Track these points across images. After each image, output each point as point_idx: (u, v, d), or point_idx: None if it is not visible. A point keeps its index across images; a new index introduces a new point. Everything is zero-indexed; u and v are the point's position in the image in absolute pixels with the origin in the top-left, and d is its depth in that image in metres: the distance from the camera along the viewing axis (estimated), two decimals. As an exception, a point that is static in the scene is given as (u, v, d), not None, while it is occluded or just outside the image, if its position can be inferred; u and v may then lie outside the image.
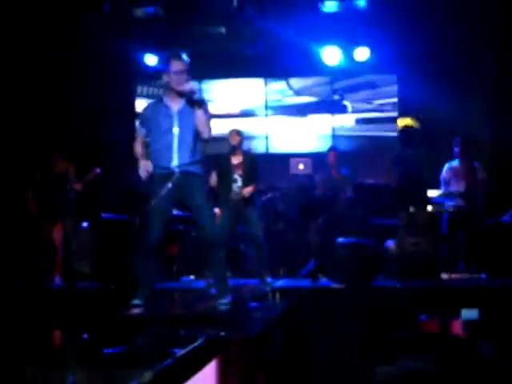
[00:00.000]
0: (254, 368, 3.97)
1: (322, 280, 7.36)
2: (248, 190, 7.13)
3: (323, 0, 9.34)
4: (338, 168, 8.55)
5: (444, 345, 4.84)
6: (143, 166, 5.03)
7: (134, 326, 4.59)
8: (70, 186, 7.97)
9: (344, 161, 8.68)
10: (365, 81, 10.75)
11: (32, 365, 3.10)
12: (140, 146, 5.17)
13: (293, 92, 10.97)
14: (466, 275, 7.32)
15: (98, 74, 9.81)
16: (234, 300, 5.19)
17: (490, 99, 9.84)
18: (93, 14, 9.01)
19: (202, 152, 5.18)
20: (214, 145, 7.93)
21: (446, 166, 8.04)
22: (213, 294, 5.44)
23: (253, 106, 10.91)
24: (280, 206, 9.08)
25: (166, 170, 5.00)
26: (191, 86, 5.00)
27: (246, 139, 8.12)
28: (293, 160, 9.65)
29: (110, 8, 9.03)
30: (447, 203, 7.89)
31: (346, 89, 10.89)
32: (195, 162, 5.06)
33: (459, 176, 7.95)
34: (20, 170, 8.27)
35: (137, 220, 8.27)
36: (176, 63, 5.02)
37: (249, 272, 8.09)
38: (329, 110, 10.90)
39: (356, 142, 10.71)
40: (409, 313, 5.80)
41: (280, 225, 8.95)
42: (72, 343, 3.99)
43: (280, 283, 7.26)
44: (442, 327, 5.45)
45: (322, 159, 8.93)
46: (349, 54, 10.06)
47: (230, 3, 9.12)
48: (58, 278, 7.74)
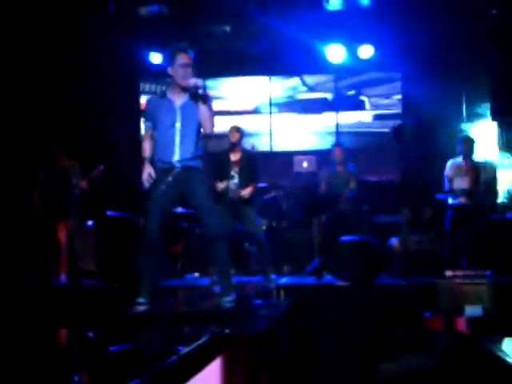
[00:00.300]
0: (259, 365, 3.98)
1: (326, 277, 7.37)
2: (247, 192, 7.13)
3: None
4: (344, 164, 8.51)
5: (447, 342, 4.85)
6: (147, 172, 5.02)
7: (139, 323, 4.62)
8: (74, 184, 7.99)
9: (349, 157, 8.66)
10: (370, 78, 10.70)
11: (38, 363, 3.13)
12: (148, 144, 5.16)
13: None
14: (469, 272, 7.32)
15: (103, 72, 9.82)
16: (238, 297, 5.21)
17: (494, 96, 9.83)
18: (97, 12, 9.03)
19: (203, 148, 5.19)
20: (215, 142, 8.00)
21: (450, 163, 8.05)
22: (217, 291, 5.45)
23: (257, 104, 10.88)
24: (284, 204, 9.08)
25: (168, 164, 4.99)
26: (196, 81, 4.98)
27: (250, 136, 8.10)
28: (296, 158, 9.66)
29: (115, 7, 9.06)
30: (451, 200, 7.90)
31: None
32: (197, 157, 5.07)
33: (462, 173, 7.95)
34: (25, 168, 8.29)
35: (141, 218, 8.29)
36: (181, 56, 5.01)
37: (253, 269, 8.11)
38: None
39: (360, 139, 10.62)
40: (412, 310, 5.81)
41: (284, 223, 8.96)
42: (77, 341, 4.01)
43: (284, 281, 7.28)
44: (446, 324, 5.46)
45: (326, 156, 8.92)
46: (353, 52, 10.05)
47: (234, 1, 9.14)
48: (63, 276, 7.76)
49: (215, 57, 9.72)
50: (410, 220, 7.52)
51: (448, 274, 7.24)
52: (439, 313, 5.73)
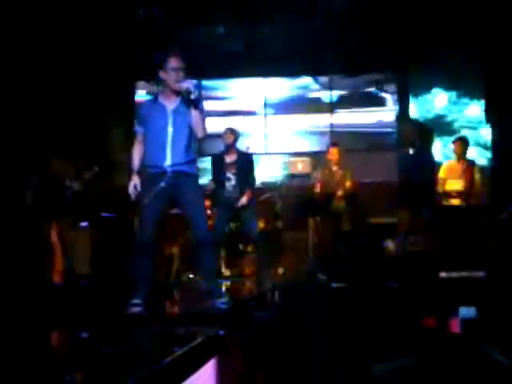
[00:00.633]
0: (254, 367, 3.98)
1: (321, 279, 7.37)
2: (244, 200, 7.15)
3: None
4: (340, 164, 8.50)
5: (442, 342, 4.85)
6: (133, 184, 5.00)
7: (133, 324, 4.60)
8: (67, 185, 7.96)
9: (345, 157, 8.65)
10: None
11: (32, 364, 3.11)
12: (138, 152, 5.12)
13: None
14: (464, 273, 7.33)
15: (97, 73, 9.82)
16: (233, 299, 5.20)
17: (491, 98, 9.84)
18: (93, 13, 9.02)
19: (197, 151, 5.17)
20: (210, 143, 7.98)
21: (444, 165, 8.06)
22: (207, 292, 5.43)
23: (252, 105, 10.85)
24: (279, 205, 9.09)
25: (159, 169, 4.96)
26: (188, 84, 4.95)
27: (244, 137, 8.06)
28: (291, 159, 9.66)
29: (110, 7, 9.05)
30: (446, 202, 7.91)
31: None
32: (189, 162, 5.05)
33: (457, 175, 7.96)
34: (17, 168, 8.26)
35: (135, 219, 8.27)
36: (173, 60, 4.97)
37: (248, 271, 8.11)
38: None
39: (356, 139, 10.55)
40: (408, 312, 5.81)
41: (279, 224, 8.96)
42: (70, 342, 4.00)
43: (280, 282, 7.28)
44: (441, 325, 5.46)
45: (321, 157, 8.92)
46: (349, 53, 10.05)
47: (227, 3, 9.14)
48: (56, 277, 7.73)
49: (209, 58, 9.72)
50: (407, 221, 7.53)
51: (442, 275, 7.24)
52: (434, 314, 5.73)
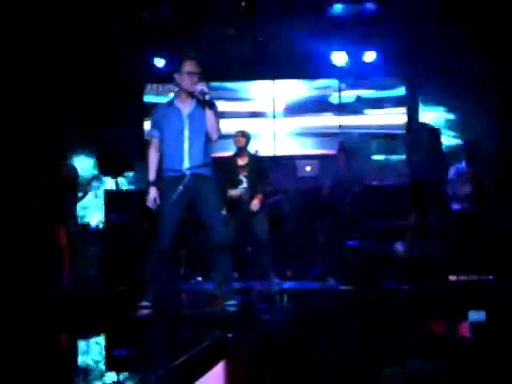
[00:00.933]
0: (262, 369, 3.98)
1: (330, 282, 7.36)
2: (255, 204, 7.15)
3: (331, 3, 9.36)
4: (349, 168, 8.49)
5: (451, 346, 4.84)
6: (152, 197, 5.02)
7: (143, 327, 4.61)
8: (75, 189, 7.99)
9: (354, 161, 8.62)
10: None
11: (40, 367, 3.12)
12: (154, 158, 5.13)
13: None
14: (473, 277, 7.31)
15: (107, 77, 9.85)
16: (241, 302, 5.21)
17: (500, 103, 9.79)
18: (102, 16, 9.05)
19: (211, 153, 5.19)
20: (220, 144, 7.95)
21: (453, 169, 8.04)
22: (218, 295, 5.44)
23: (261, 108, 10.83)
24: (287, 208, 9.08)
25: (178, 172, 4.98)
26: (202, 87, 4.96)
27: (254, 139, 8.01)
28: (300, 162, 9.65)
29: (120, 10, 9.06)
30: (454, 205, 7.89)
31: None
32: (206, 165, 5.06)
33: (466, 178, 7.95)
34: (26, 172, 8.28)
35: (145, 223, 8.29)
36: (188, 63, 5.01)
37: (256, 274, 8.10)
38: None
39: (365, 141, 10.47)
40: (417, 315, 5.80)
41: (287, 227, 8.95)
42: (80, 345, 4.01)
43: (288, 285, 7.28)
44: (450, 329, 5.45)
45: (330, 160, 8.90)
46: (357, 57, 10.05)
47: (238, 5, 9.14)
48: (65, 280, 7.75)
49: (219, 60, 9.71)
50: (416, 225, 7.51)
51: (452, 278, 7.23)
52: (443, 317, 5.72)
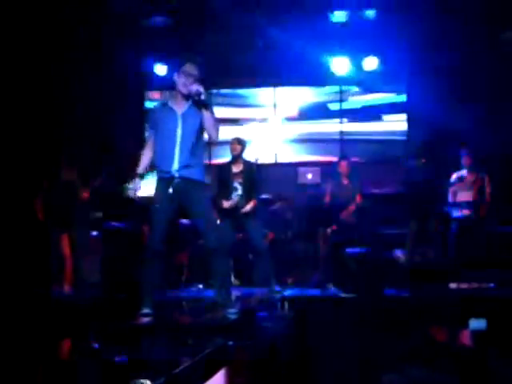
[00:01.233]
0: (263, 377, 3.98)
1: (331, 289, 7.36)
2: (248, 208, 7.17)
3: (332, 10, 9.38)
4: (349, 177, 8.50)
5: (452, 354, 4.83)
6: (133, 185, 5.04)
7: (143, 335, 4.61)
8: (77, 194, 8.00)
9: (355, 170, 8.64)
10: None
11: (41, 374, 3.13)
12: (147, 155, 5.15)
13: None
14: (474, 285, 7.31)
15: (109, 82, 9.87)
16: (242, 309, 5.20)
17: (501, 110, 9.80)
18: (103, 22, 9.08)
19: (204, 157, 5.19)
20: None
21: (454, 176, 8.05)
22: (219, 302, 5.43)
23: (262, 115, 10.85)
24: (288, 216, 9.09)
25: (167, 173, 4.98)
26: (197, 87, 4.92)
27: (254, 146, 8.05)
28: (301, 169, 9.66)
29: (121, 17, 9.09)
30: (455, 213, 7.90)
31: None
32: (195, 166, 5.03)
33: (467, 185, 7.96)
34: (28, 178, 8.29)
35: (146, 229, 8.29)
36: (188, 65, 5.01)
37: (257, 281, 8.10)
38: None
39: (366, 149, 10.53)
40: (418, 322, 5.80)
41: (288, 234, 8.96)
42: (81, 352, 4.01)
43: (289, 292, 7.27)
44: (450, 337, 5.45)
45: (331, 167, 8.91)
46: (358, 64, 10.08)
47: (239, 12, 9.16)
48: (67, 287, 7.75)
49: (220, 68, 9.74)
50: (417, 232, 7.52)
51: (452, 286, 7.23)
52: (444, 325, 5.71)
